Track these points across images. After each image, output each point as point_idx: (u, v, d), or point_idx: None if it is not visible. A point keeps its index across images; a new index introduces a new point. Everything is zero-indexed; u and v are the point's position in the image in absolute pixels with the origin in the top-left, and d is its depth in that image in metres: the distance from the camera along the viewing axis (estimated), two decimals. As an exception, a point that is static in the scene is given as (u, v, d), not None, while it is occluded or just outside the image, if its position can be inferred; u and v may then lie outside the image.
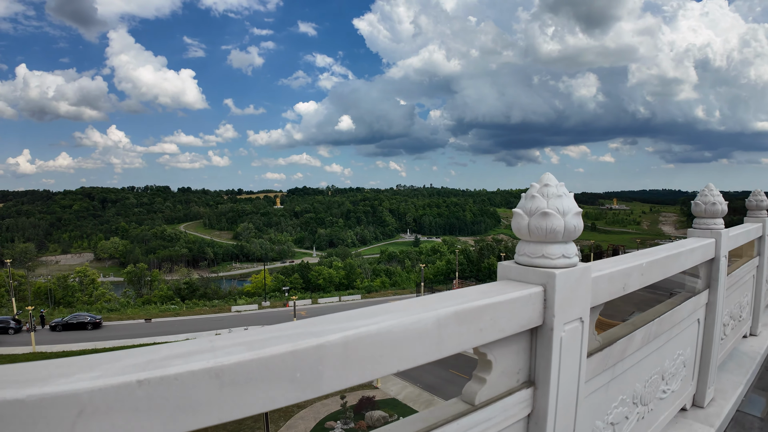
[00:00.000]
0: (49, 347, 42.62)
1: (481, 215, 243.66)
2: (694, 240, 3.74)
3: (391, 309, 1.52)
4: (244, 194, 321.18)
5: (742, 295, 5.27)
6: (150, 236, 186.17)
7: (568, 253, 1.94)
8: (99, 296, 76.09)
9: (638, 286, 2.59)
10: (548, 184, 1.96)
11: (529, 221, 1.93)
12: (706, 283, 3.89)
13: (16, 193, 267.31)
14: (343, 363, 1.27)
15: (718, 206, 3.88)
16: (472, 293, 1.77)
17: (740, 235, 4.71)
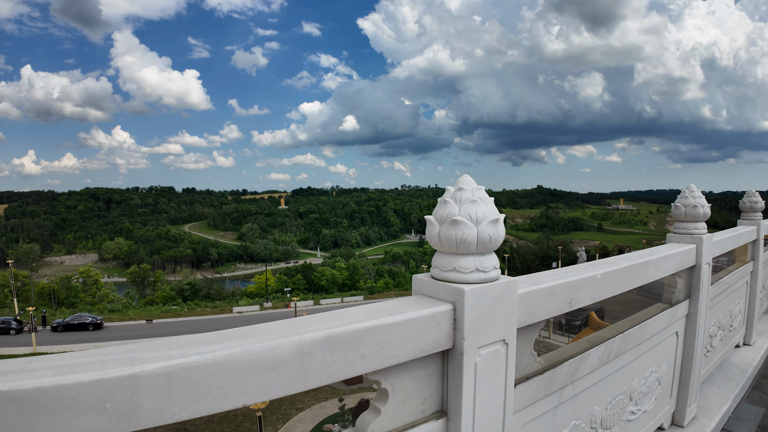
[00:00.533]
0: (50, 348, 42.58)
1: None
2: (671, 246, 3.45)
3: (240, 333, 1.35)
4: (249, 195, 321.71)
5: (733, 302, 4.94)
6: (154, 237, 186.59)
7: (483, 266, 1.71)
8: (102, 297, 76.20)
9: (591, 301, 2.31)
10: (462, 188, 1.75)
11: (440, 230, 1.72)
12: (686, 293, 3.59)
13: (21, 194, 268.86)
14: (166, 395, 1.12)
15: (699, 209, 3.57)
16: (360, 313, 1.57)
17: (728, 240, 4.39)
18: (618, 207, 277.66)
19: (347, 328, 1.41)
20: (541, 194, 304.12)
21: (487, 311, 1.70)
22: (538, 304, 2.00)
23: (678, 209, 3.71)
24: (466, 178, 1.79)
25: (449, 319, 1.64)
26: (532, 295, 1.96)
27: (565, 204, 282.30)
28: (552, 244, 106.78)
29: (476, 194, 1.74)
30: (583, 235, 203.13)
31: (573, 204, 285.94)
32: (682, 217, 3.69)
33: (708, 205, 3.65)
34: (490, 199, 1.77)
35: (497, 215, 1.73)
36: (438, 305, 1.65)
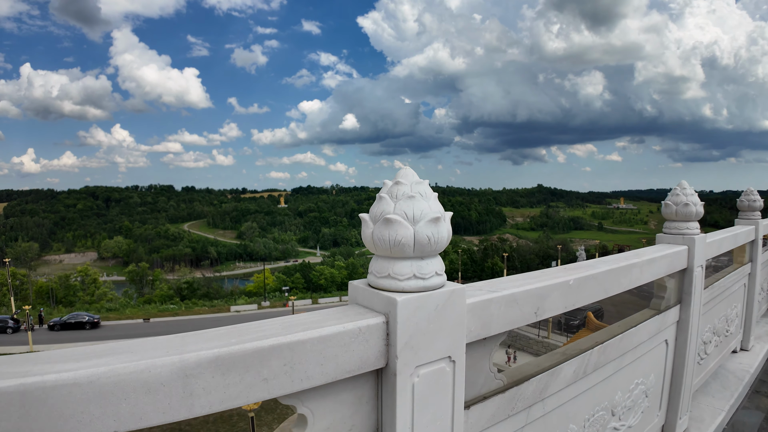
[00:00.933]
0: (47, 347, 42.34)
1: (487, 214, 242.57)
2: (660, 248, 3.18)
3: (116, 350, 1.17)
4: (248, 193, 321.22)
5: (729, 306, 4.68)
6: (153, 235, 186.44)
7: (423, 271, 1.49)
8: (101, 296, 76.00)
9: (562, 309, 2.06)
10: (400, 182, 1.53)
11: (373, 230, 1.51)
12: (677, 298, 3.33)
13: (20, 192, 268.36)
14: (22, 418, 0.96)
15: (691, 208, 3.29)
16: (268, 327, 1.36)
17: (724, 241, 4.12)
18: (618, 206, 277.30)
19: (244, 347, 1.20)
20: (542, 193, 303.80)
21: (427, 324, 1.47)
22: (495, 315, 1.76)
23: (668, 207, 3.44)
24: (405, 171, 1.57)
25: (380, 333, 1.43)
26: (488, 305, 1.72)
27: (565, 203, 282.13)
28: (552, 243, 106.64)
29: (415, 189, 1.51)
30: (583, 234, 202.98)
31: (573, 203, 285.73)
32: (673, 216, 3.42)
33: (701, 203, 3.37)
34: (432, 195, 1.54)
35: (439, 213, 1.49)
36: (368, 317, 1.44)
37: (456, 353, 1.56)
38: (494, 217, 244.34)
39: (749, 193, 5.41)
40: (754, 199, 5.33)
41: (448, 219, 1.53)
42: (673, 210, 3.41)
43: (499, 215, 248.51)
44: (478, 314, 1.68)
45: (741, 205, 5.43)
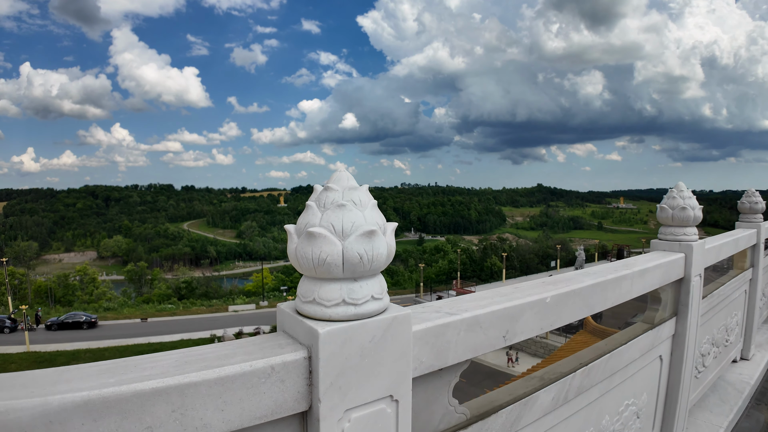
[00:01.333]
0: (44, 347, 42.18)
1: (487, 214, 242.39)
2: (655, 256, 2.91)
3: None
4: (248, 192, 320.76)
5: (729, 315, 4.42)
6: (153, 234, 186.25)
7: (354, 296, 1.26)
8: (100, 295, 75.81)
9: (538, 331, 1.80)
10: (331, 187, 1.31)
11: (297, 245, 1.29)
12: (672, 310, 3.07)
13: (20, 192, 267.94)
14: None
15: (689, 212, 3.00)
16: (161, 364, 1.14)
17: (724, 246, 3.87)
18: (618, 206, 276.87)
19: (119, 390, 0.98)
20: (542, 192, 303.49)
21: (359, 360, 1.25)
22: (454, 342, 1.50)
23: (664, 212, 3.14)
24: (339, 174, 1.34)
25: (301, 372, 1.20)
26: (443, 330, 1.47)
27: (565, 202, 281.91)
28: (552, 242, 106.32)
29: (348, 196, 1.28)
30: (583, 234, 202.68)
31: (573, 202, 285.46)
32: (669, 221, 3.12)
33: (699, 206, 3.07)
34: (370, 203, 1.31)
35: (375, 225, 1.27)
36: (285, 352, 1.20)
37: (399, 391, 1.34)
38: (494, 216, 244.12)
39: (750, 194, 5.14)
40: (756, 201, 5.07)
41: (390, 232, 1.33)
42: (669, 214, 3.12)
43: (498, 215, 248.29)
44: (430, 342, 1.44)
45: (742, 207, 5.17)
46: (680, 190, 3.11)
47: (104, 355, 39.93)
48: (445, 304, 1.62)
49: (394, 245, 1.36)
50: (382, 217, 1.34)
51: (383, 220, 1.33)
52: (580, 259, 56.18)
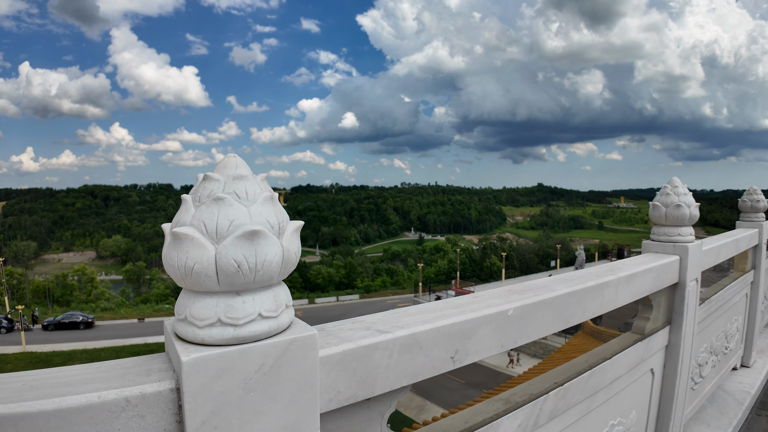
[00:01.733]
0: (40, 347, 41.91)
1: (487, 213, 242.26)
2: (645, 259, 2.61)
3: None
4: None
5: (729, 321, 4.13)
6: (152, 234, 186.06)
7: (234, 315, 1.02)
8: (98, 295, 75.62)
9: (498, 349, 1.51)
10: (211, 176, 1.07)
11: (165, 249, 1.11)
12: (665, 318, 2.78)
13: (19, 191, 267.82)
14: None
15: (684, 210, 2.69)
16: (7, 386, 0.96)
17: (724, 248, 3.59)
18: (619, 205, 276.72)
19: None
20: (542, 192, 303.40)
21: (242, 394, 1.01)
22: (384, 366, 1.25)
23: (657, 209, 2.86)
24: (227, 160, 1.09)
25: (167, 406, 0.97)
26: (369, 353, 1.21)
27: (565, 202, 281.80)
28: (552, 242, 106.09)
29: (231, 187, 1.04)
30: (583, 234, 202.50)
31: (573, 202, 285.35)
32: (662, 219, 2.83)
33: (696, 204, 2.77)
34: (262, 195, 1.07)
35: (263, 224, 1.03)
36: (150, 381, 0.97)
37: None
38: (494, 216, 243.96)
39: (752, 192, 4.85)
40: (758, 199, 4.78)
41: (290, 233, 1.09)
42: (662, 212, 2.83)
43: (498, 214, 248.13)
44: (351, 368, 1.18)
45: (743, 205, 4.88)
46: (675, 185, 2.81)
47: (100, 355, 39.71)
48: (380, 318, 1.38)
49: (298, 249, 1.12)
50: (283, 213, 1.10)
51: (282, 218, 1.09)
52: (580, 258, 55.90)
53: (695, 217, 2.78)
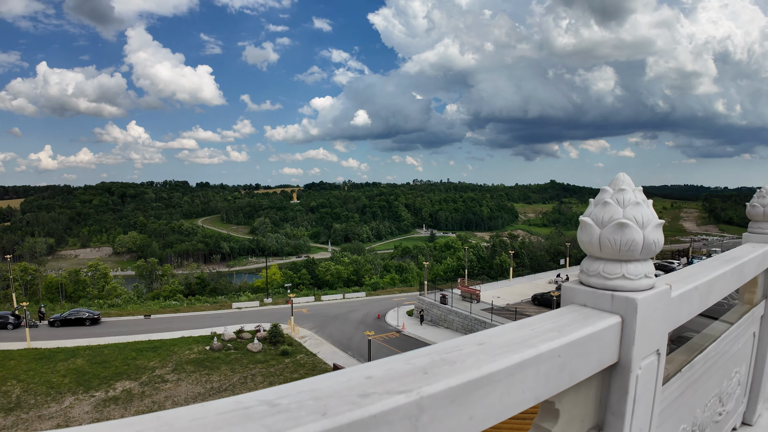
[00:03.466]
0: (44, 343, 41.98)
1: (499, 210, 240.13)
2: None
3: None
4: (262, 189, 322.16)
5: (727, 374, 3.16)
6: (167, 230, 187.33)
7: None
8: (110, 291, 75.83)
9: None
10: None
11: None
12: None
13: (37, 188, 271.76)
14: None
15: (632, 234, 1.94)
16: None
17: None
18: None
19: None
20: (554, 189, 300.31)
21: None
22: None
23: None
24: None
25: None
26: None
27: (578, 199, 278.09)
28: (564, 239, 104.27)
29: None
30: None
31: (586, 199, 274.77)
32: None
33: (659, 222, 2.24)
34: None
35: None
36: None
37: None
38: (506, 213, 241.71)
39: (765, 193, 3.76)
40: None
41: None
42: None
43: (510, 211, 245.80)
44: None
45: (753, 212, 3.67)
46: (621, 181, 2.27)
47: (104, 351, 39.60)
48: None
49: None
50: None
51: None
52: (590, 257, 54.53)
53: (656, 246, 2.19)
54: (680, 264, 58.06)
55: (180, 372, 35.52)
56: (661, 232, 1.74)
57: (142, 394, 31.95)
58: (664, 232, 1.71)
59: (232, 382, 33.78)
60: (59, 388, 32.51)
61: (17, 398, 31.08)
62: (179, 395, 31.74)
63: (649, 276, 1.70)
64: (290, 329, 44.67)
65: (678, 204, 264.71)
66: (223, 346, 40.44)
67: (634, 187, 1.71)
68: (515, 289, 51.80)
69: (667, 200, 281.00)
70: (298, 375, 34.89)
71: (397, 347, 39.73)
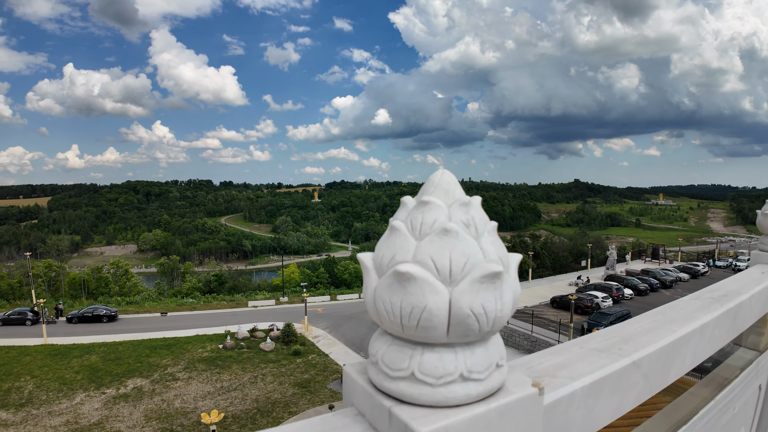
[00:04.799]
0: (61, 339, 42.49)
1: (521, 210, 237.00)
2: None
3: None
4: (284, 188, 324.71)
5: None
6: (191, 228, 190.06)
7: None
8: (132, 287, 76.86)
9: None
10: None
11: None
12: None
13: (64, 187, 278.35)
14: None
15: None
16: None
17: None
18: (657, 202, 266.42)
19: None
20: (578, 188, 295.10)
21: None
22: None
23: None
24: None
25: None
26: None
27: (602, 198, 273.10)
28: (587, 240, 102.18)
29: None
30: (620, 231, 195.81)
31: (611, 198, 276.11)
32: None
33: None
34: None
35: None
36: None
37: None
38: (528, 212, 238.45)
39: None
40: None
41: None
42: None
43: (533, 211, 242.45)
44: None
45: (765, 223, 2.82)
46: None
47: (118, 349, 39.87)
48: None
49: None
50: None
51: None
52: (611, 258, 52.97)
53: None
54: (705, 266, 55.99)
55: (191, 370, 35.47)
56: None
57: (152, 391, 31.93)
58: (690, 232, 1.06)
59: (242, 381, 33.56)
60: (71, 385, 32.72)
61: (29, 394, 31.35)
62: (189, 394, 31.64)
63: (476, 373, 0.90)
64: (304, 329, 44.37)
65: (705, 204, 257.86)
66: (236, 344, 40.32)
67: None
68: (534, 291, 50.62)
69: (694, 200, 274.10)
70: (309, 375, 34.51)
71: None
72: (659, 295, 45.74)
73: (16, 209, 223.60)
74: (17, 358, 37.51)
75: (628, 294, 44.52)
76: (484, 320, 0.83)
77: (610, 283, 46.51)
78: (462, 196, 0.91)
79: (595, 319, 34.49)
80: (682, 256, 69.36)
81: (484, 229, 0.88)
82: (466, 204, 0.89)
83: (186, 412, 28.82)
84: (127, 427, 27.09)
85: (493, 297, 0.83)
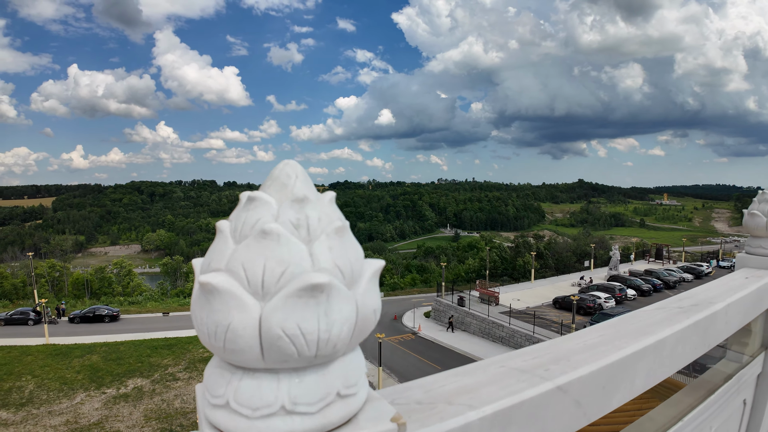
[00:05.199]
0: (62, 339, 42.55)
1: (525, 210, 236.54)
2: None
3: None
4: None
5: None
6: (195, 229, 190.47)
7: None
8: (135, 287, 76.94)
9: None
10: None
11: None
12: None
13: (68, 187, 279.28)
14: None
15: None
16: None
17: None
18: (662, 202, 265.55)
19: None
20: (583, 188, 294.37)
21: None
22: None
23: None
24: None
25: None
26: None
27: (607, 198, 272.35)
28: (591, 240, 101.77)
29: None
30: (624, 231, 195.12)
31: (615, 199, 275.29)
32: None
33: None
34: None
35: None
36: None
37: None
38: (532, 212, 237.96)
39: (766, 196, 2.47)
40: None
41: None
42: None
43: (537, 211, 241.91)
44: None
45: (752, 224, 2.51)
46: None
47: (119, 348, 39.86)
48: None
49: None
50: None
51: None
52: (614, 259, 52.58)
53: None
54: (708, 267, 55.59)
55: (192, 370, 35.44)
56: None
57: (153, 392, 31.89)
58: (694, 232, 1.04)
59: (242, 381, 33.52)
60: (72, 385, 32.72)
61: (30, 393, 31.36)
62: (189, 394, 31.60)
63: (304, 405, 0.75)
64: (304, 329, 44.31)
65: (710, 204, 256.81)
66: (236, 344, 40.32)
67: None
68: (536, 292, 50.34)
69: (699, 200, 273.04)
70: (309, 375, 34.41)
71: (412, 350, 38.95)
72: (662, 296, 45.31)
73: (21, 209, 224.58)
74: (18, 358, 37.55)
75: (631, 294, 44.20)
76: (302, 343, 0.69)
77: (613, 284, 46.21)
78: (301, 192, 0.78)
79: (597, 319, 34.25)
80: (686, 257, 68.94)
81: (322, 231, 0.73)
82: (300, 200, 0.75)
83: (186, 412, 28.76)
84: (127, 427, 27.04)
85: (314, 315, 0.69)
